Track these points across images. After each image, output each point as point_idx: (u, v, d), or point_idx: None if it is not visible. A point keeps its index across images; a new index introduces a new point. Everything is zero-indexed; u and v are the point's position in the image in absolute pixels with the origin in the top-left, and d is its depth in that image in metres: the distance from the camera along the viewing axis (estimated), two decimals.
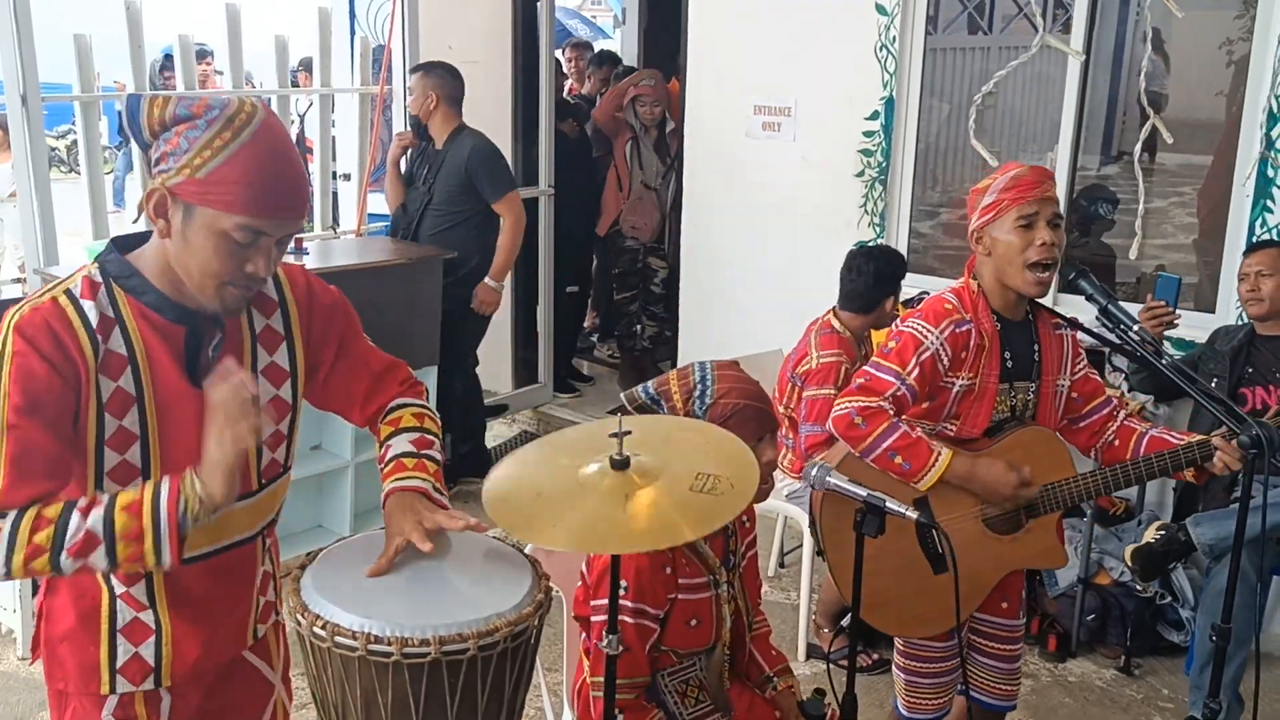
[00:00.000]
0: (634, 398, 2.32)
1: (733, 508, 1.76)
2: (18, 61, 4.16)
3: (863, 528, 2.18)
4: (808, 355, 3.84)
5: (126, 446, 1.73)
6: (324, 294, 1.97)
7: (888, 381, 2.53)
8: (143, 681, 1.84)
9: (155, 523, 1.62)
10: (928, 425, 2.64)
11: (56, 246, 4.40)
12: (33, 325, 1.65)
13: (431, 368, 4.78)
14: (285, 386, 1.90)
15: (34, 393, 1.63)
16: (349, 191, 6.14)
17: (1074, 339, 2.71)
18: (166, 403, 1.75)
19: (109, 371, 1.70)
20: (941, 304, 2.60)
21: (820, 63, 4.99)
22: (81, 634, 1.82)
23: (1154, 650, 4.03)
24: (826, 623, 4.02)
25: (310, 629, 1.65)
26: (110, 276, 1.74)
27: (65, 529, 1.61)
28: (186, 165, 1.65)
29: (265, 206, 1.67)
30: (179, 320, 1.76)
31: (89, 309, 1.70)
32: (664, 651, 2.31)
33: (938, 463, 2.50)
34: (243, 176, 1.64)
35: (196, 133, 1.66)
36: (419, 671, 1.63)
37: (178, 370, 1.75)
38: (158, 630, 1.84)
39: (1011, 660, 2.84)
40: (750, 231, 5.33)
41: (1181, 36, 7.22)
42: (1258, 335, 3.78)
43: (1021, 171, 2.54)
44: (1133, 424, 2.69)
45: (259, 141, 1.66)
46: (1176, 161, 8.06)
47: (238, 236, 1.67)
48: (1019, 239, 2.50)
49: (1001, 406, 2.61)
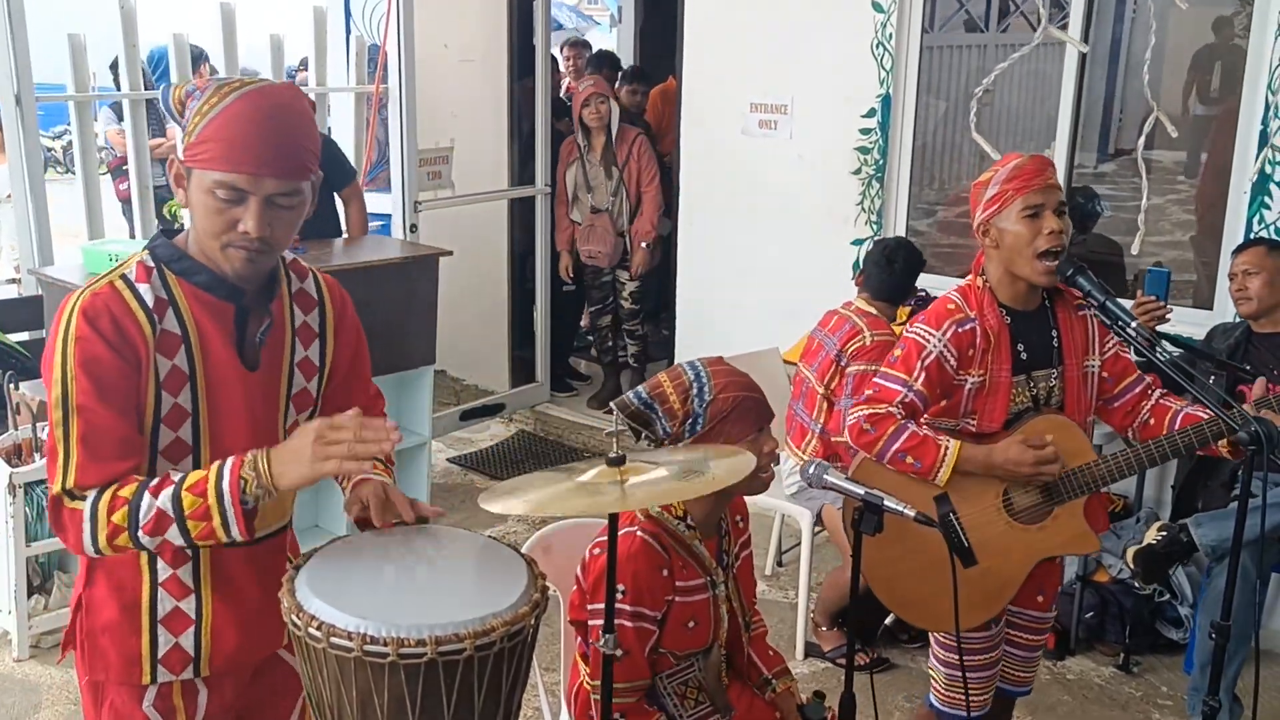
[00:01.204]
0: (626, 404, 2.28)
1: (715, 485, 1.86)
2: (11, 61, 4.15)
3: (861, 525, 2.18)
4: (860, 334, 3.78)
5: (180, 424, 1.81)
6: (351, 312, 2.07)
7: (895, 390, 2.56)
8: (183, 670, 1.90)
9: (220, 501, 1.70)
10: (948, 423, 2.63)
11: (52, 247, 4.40)
12: (94, 309, 1.73)
13: (428, 367, 4.77)
14: (314, 381, 1.98)
15: (99, 375, 1.71)
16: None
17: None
18: (216, 381, 1.83)
19: (165, 350, 1.78)
20: (944, 305, 2.61)
21: (817, 60, 4.99)
22: (124, 625, 1.87)
23: (1152, 648, 4.03)
24: (825, 621, 4.01)
25: (306, 629, 1.64)
26: (161, 261, 1.82)
27: (138, 509, 1.70)
28: (187, 133, 1.75)
29: (240, 162, 1.71)
30: (229, 298, 1.83)
31: (144, 291, 1.78)
32: (662, 654, 2.31)
33: (947, 455, 2.51)
34: (219, 134, 1.71)
35: (195, 102, 1.75)
36: (415, 672, 1.61)
37: (228, 349, 1.83)
38: (198, 619, 1.90)
39: (1034, 649, 2.85)
40: (747, 229, 5.33)
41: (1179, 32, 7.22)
42: (1254, 333, 3.78)
43: (1023, 161, 2.54)
44: (1168, 402, 2.68)
45: (245, 102, 1.72)
46: (1173, 159, 8.07)
47: (220, 194, 1.73)
48: (1026, 229, 2.50)
49: (1020, 398, 2.60)
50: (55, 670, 3.70)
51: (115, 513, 1.69)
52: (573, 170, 5.99)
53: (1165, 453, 2.57)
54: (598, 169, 5.93)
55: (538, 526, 4.23)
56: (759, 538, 4.68)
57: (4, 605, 3.76)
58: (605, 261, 6.05)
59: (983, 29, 7.44)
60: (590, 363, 7.00)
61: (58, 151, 12.46)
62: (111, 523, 1.70)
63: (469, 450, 5.86)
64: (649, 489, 1.86)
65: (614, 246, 6.02)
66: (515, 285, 6.49)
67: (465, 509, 5.10)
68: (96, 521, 1.70)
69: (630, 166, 5.87)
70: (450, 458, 5.73)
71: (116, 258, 3.82)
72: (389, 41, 5.30)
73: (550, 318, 6.40)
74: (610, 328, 6.31)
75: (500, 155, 6.35)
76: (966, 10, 7.05)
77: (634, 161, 5.88)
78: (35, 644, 3.80)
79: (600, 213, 5.99)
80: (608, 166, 5.91)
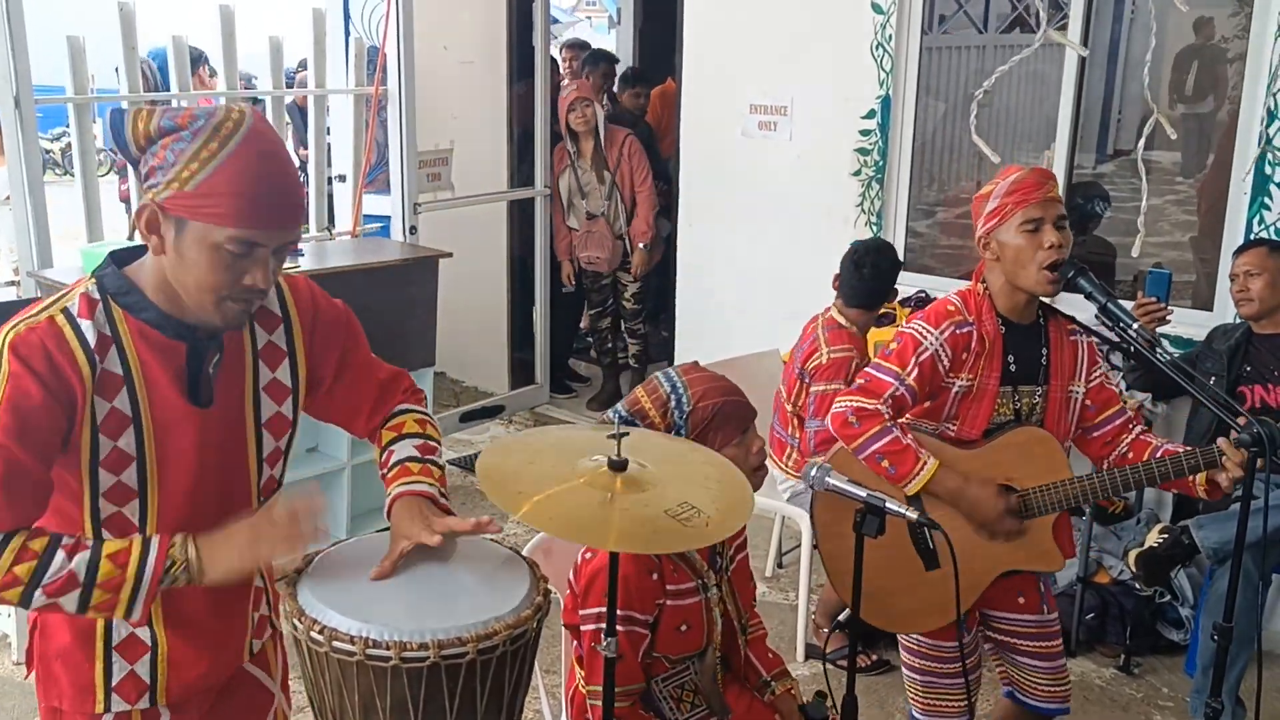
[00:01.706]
0: (607, 424, 2.26)
1: (692, 541, 1.80)
2: (10, 63, 4.14)
3: (862, 528, 2.17)
4: (817, 350, 3.81)
5: (123, 467, 1.70)
6: (329, 308, 1.94)
7: (887, 382, 2.56)
8: (138, 700, 1.81)
9: (139, 577, 1.63)
10: (929, 425, 2.63)
11: (50, 250, 4.39)
12: (28, 345, 1.61)
13: (428, 369, 4.77)
14: (287, 403, 1.87)
15: (26, 415, 1.60)
16: (344, 193, 6.12)
17: (1090, 346, 2.69)
18: (164, 423, 1.71)
19: (104, 392, 1.66)
20: (945, 305, 2.62)
21: (816, 62, 4.99)
22: (77, 651, 1.79)
23: (1153, 649, 4.02)
24: (826, 623, 4.01)
25: (308, 634, 1.64)
26: (108, 293, 1.69)
27: (48, 566, 1.61)
28: (175, 179, 1.60)
29: (258, 217, 1.61)
30: (178, 337, 1.71)
31: (86, 328, 1.65)
32: (656, 658, 2.30)
33: (923, 471, 2.52)
34: (232, 187, 1.58)
35: (183, 144, 1.60)
36: (418, 676, 1.61)
37: (176, 390, 1.72)
38: (154, 647, 1.81)
39: (1052, 658, 2.79)
40: (747, 231, 5.33)
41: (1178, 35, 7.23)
42: (1255, 334, 3.78)
43: (1023, 175, 2.55)
44: (1149, 439, 2.67)
45: (248, 149, 1.60)
46: (1171, 159, 8.08)
47: (232, 249, 1.61)
48: (1027, 243, 2.50)
49: (1004, 409, 2.61)
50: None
51: (20, 565, 1.60)
52: (565, 177, 5.98)
53: (1141, 479, 2.57)
54: (589, 174, 5.92)
55: (536, 530, 4.24)
56: (759, 539, 4.68)
57: (3, 609, 3.75)
58: (606, 266, 6.04)
59: (981, 30, 7.45)
60: (589, 364, 7.00)
61: (56, 154, 12.45)
62: (12, 573, 1.59)
63: (469, 452, 5.85)
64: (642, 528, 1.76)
65: (613, 250, 6.01)
66: (515, 287, 6.49)
67: (465, 511, 5.10)
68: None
69: (622, 168, 5.88)
70: (450, 459, 5.72)
71: None
72: (388, 43, 5.30)
73: (549, 319, 6.40)
74: (610, 329, 6.30)
75: (499, 157, 6.35)
76: (965, 12, 7.06)
77: (625, 162, 5.88)
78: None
79: (596, 218, 5.97)
80: (599, 171, 5.90)
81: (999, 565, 2.65)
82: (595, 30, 17.26)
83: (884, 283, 3.87)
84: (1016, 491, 2.61)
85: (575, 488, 1.81)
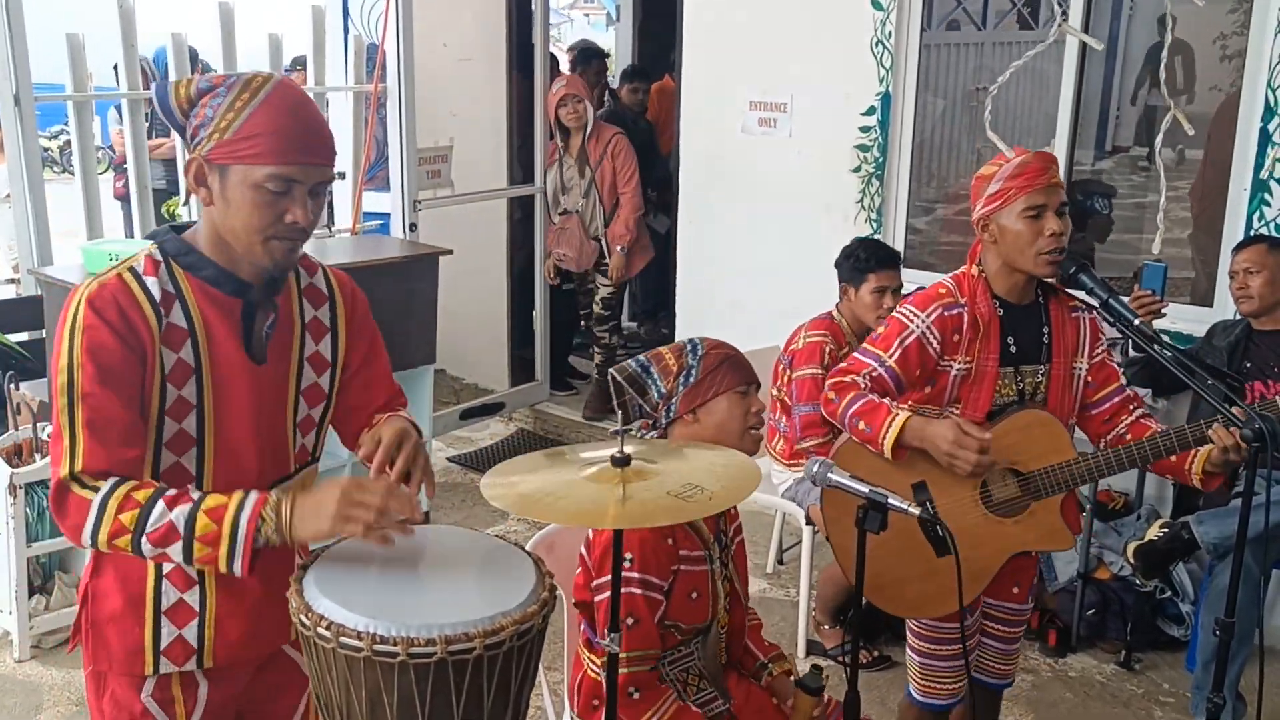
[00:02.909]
0: (624, 368, 2.42)
1: (695, 512, 1.87)
2: (10, 61, 4.14)
3: (865, 524, 2.18)
4: (797, 336, 3.91)
5: (184, 415, 1.82)
6: (364, 306, 2.10)
7: (865, 363, 2.60)
8: (185, 662, 1.90)
9: (233, 534, 1.70)
10: (932, 410, 2.64)
11: (50, 247, 4.39)
12: (102, 299, 1.75)
13: (428, 366, 4.77)
14: (325, 376, 2.00)
15: (106, 363, 1.72)
16: (343, 190, 6.12)
17: (1093, 323, 2.69)
18: (223, 375, 1.84)
19: (171, 343, 1.79)
20: (936, 289, 2.62)
21: (816, 58, 4.99)
22: (128, 616, 1.88)
23: (1154, 645, 4.03)
24: (826, 619, 4.02)
25: (315, 629, 1.64)
26: (169, 255, 1.84)
27: (149, 515, 1.70)
28: (215, 130, 1.75)
29: (292, 153, 1.75)
30: (236, 293, 1.85)
31: (152, 284, 1.79)
32: (668, 628, 2.33)
33: (893, 424, 2.50)
34: (266, 128, 1.73)
35: (219, 99, 1.76)
36: (425, 671, 1.62)
37: (235, 344, 1.85)
38: (201, 611, 1.90)
39: (1012, 641, 2.87)
40: (746, 227, 5.33)
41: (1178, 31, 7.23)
42: (1254, 330, 3.78)
43: (1027, 159, 2.54)
44: (1148, 422, 2.67)
45: (278, 96, 1.76)
46: (1170, 157, 8.08)
47: (271, 186, 1.74)
48: (1027, 229, 2.50)
49: (1006, 391, 2.61)
50: (56, 671, 3.70)
51: (125, 512, 1.69)
52: (553, 172, 5.91)
53: (1146, 454, 2.56)
54: (572, 169, 5.82)
55: (538, 526, 4.24)
56: (760, 536, 4.69)
57: (5, 606, 3.75)
58: (573, 265, 5.90)
59: (979, 27, 7.45)
60: (589, 361, 6.98)
61: (54, 151, 12.44)
62: (118, 520, 1.69)
63: (469, 449, 5.86)
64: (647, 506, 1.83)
65: (582, 250, 5.86)
66: (514, 284, 6.49)
67: (466, 508, 5.10)
68: (104, 514, 1.69)
69: (605, 166, 5.74)
70: (450, 456, 5.73)
71: (116, 257, 3.82)
72: (388, 40, 5.29)
73: (550, 317, 6.39)
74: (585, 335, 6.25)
75: (499, 154, 6.35)
76: (964, 8, 7.06)
77: (609, 161, 5.74)
78: (36, 644, 3.79)
79: (570, 214, 5.87)
80: (581, 167, 5.79)
81: (1011, 547, 2.66)
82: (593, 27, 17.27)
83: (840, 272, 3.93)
84: (1021, 475, 2.62)
85: (580, 482, 1.86)
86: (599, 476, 1.87)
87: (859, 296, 3.84)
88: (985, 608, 2.81)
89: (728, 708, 2.42)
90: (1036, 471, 2.60)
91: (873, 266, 3.82)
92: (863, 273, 3.83)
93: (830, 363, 3.77)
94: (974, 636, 2.80)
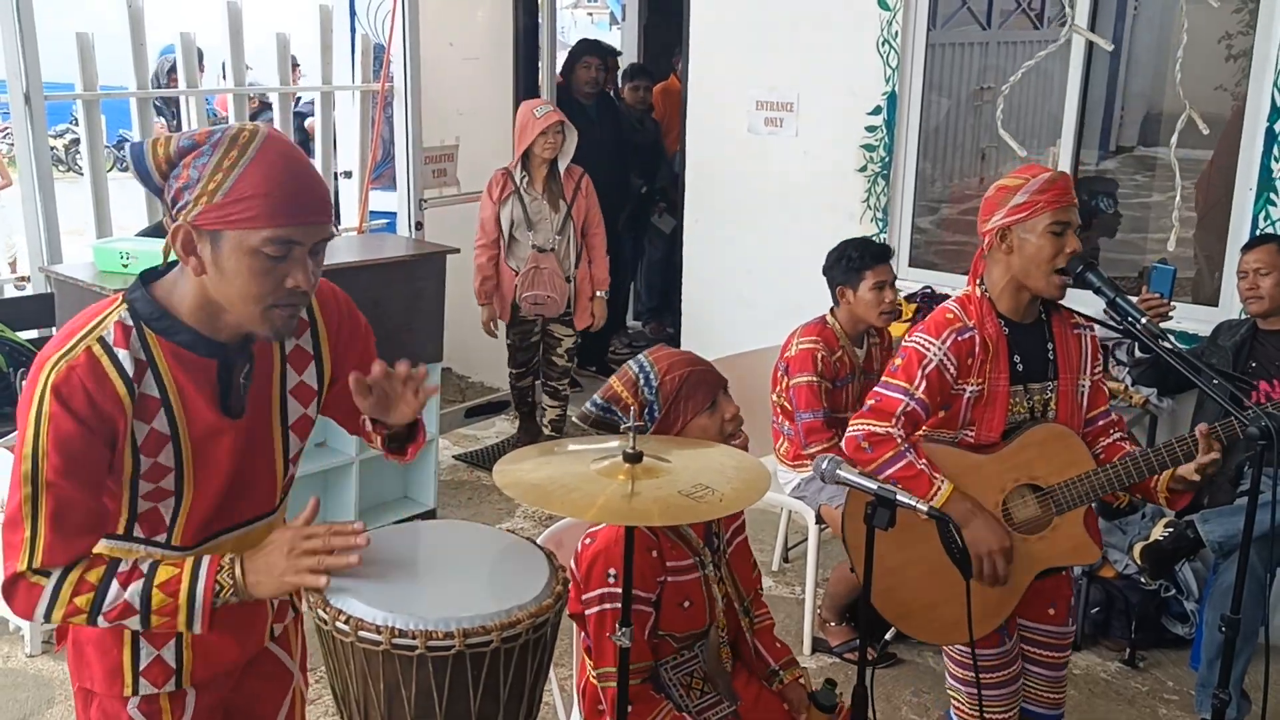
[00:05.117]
0: (587, 415, 2.35)
1: (706, 513, 1.86)
2: (20, 60, 4.16)
3: (873, 520, 2.18)
4: (790, 343, 3.91)
5: (161, 476, 1.76)
6: (352, 314, 1.99)
7: (896, 400, 2.57)
8: (165, 684, 1.87)
9: (190, 603, 1.68)
10: (947, 434, 2.64)
11: (60, 245, 4.41)
12: (69, 385, 1.64)
13: (435, 364, 4.78)
14: (312, 405, 1.93)
15: (71, 453, 1.64)
16: (350, 189, 6.15)
17: (1094, 341, 2.70)
18: (199, 437, 1.76)
19: (143, 415, 1.71)
20: (943, 314, 2.62)
21: (822, 58, 5.00)
22: (106, 636, 1.84)
23: (1158, 643, 4.04)
24: (832, 617, 4.03)
25: (333, 624, 1.66)
26: (140, 319, 1.72)
27: (104, 596, 1.68)
28: (202, 193, 1.62)
29: (289, 214, 1.63)
30: (210, 355, 1.75)
31: (123, 358, 1.68)
32: (663, 638, 2.33)
33: (937, 496, 2.52)
34: (260, 188, 1.61)
35: (204, 159, 1.63)
36: (443, 664, 1.64)
37: (210, 405, 1.76)
38: (179, 634, 1.85)
39: (1058, 668, 2.82)
40: (752, 227, 5.34)
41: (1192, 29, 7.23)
42: (1260, 330, 3.78)
43: (1055, 175, 2.54)
44: (1123, 445, 2.68)
45: (269, 151, 1.63)
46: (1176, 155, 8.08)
47: (269, 251, 1.63)
48: (1050, 245, 2.50)
49: (1018, 409, 2.62)
50: (67, 666, 3.71)
51: (80, 596, 1.67)
52: (509, 207, 5.13)
53: (1165, 461, 2.54)
54: (540, 202, 5.15)
55: (544, 523, 4.26)
56: (765, 534, 4.71)
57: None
58: (554, 310, 5.27)
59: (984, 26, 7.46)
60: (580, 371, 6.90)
61: (59, 150, 12.47)
62: (73, 604, 1.67)
63: (475, 447, 5.87)
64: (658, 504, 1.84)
65: (564, 293, 5.25)
66: None
67: (472, 505, 5.12)
68: (58, 599, 1.67)
69: (579, 204, 5.23)
70: (456, 454, 5.74)
71: (127, 255, 3.85)
72: (394, 39, 5.31)
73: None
74: (528, 391, 5.64)
75: (505, 153, 6.36)
76: (969, 8, 7.07)
77: (583, 198, 5.26)
78: (47, 640, 3.81)
79: (546, 252, 5.18)
80: (553, 200, 5.17)
81: (1036, 565, 2.64)
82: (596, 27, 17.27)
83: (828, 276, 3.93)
84: (1041, 491, 2.62)
85: (591, 475, 1.87)
86: (610, 471, 1.89)
87: (858, 296, 3.85)
88: (1024, 632, 2.78)
89: (734, 709, 2.42)
90: (1057, 485, 2.60)
91: (868, 263, 3.83)
92: (859, 271, 3.83)
93: (823, 368, 3.78)
94: (1016, 662, 2.76)
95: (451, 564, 1.87)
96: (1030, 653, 2.80)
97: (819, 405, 3.79)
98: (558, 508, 1.82)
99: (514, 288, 5.20)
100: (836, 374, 3.85)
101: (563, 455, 2.03)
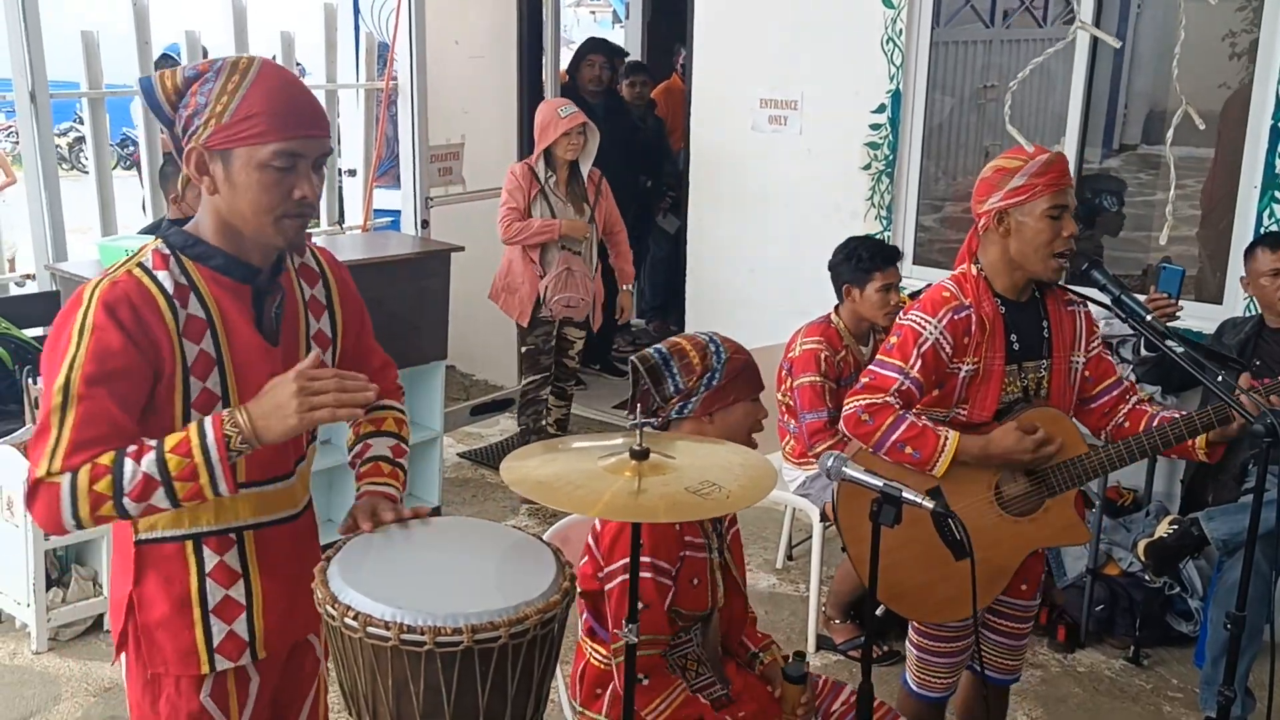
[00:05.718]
0: (647, 358, 2.44)
1: (712, 510, 1.89)
2: (25, 57, 4.17)
3: (879, 518, 2.19)
4: (794, 343, 3.94)
5: (210, 408, 1.80)
6: (350, 282, 2.09)
7: (891, 378, 2.58)
8: (240, 657, 1.92)
9: (207, 459, 1.69)
10: (939, 413, 2.65)
11: (65, 242, 4.42)
12: (115, 298, 1.72)
13: (440, 362, 4.79)
14: (329, 353, 2.01)
15: (110, 366, 1.70)
16: (354, 187, 6.15)
17: (1088, 316, 2.71)
18: (243, 362, 1.84)
19: (191, 335, 1.79)
20: (939, 292, 2.62)
21: (826, 56, 5.01)
22: (176, 619, 1.88)
23: (1163, 641, 4.05)
24: (837, 614, 4.04)
25: (342, 619, 1.66)
26: (175, 248, 1.82)
27: (121, 476, 1.68)
28: (211, 116, 1.74)
29: (294, 127, 1.75)
30: (245, 279, 1.84)
31: (164, 278, 1.78)
32: (672, 614, 2.36)
33: (946, 445, 2.53)
34: (264, 106, 1.73)
35: (209, 84, 1.76)
36: (451, 660, 1.64)
37: (250, 329, 1.85)
38: (249, 604, 1.92)
39: (1020, 637, 2.88)
40: (756, 225, 5.35)
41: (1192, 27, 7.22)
42: (1266, 328, 3.78)
43: (1053, 158, 2.55)
44: (1145, 408, 2.69)
45: (267, 74, 1.76)
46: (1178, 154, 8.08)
47: (277, 164, 1.74)
48: (1048, 228, 2.51)
49: (1011, 388, 2.63)
50: (74, 662, 3.73)
51: (98, 482, 1.67)
52: (536, 208, 4.96)
53: (1156, 444, 2.58)
54: (565, 205, 5.00)
55: (549, 520, 4.26)
56: (769, 532, 4.71)
57: (23, 598, 3.78)
58: (584, 312, 5.12)
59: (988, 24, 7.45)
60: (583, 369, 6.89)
61: (63, 148, 12.49)
62: (94, 492, 1.67)
63: (479, 445, 5.88)
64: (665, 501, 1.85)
65: (590, 293, 5.11)
66: None
67: (476, 503, 5.13)
68: (77, 493, 1.67)
69: (600, 206, 5.11)
70: (460, 453, 5.75)
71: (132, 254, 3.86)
72: (399, 38, 5.32)
73: None
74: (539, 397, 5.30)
75: (510, 151, 6.37)
76: (972, 6, 7.06)
77: (604, 200, 5.14)
78: (54, 636, 3.82)
79: (576, 254, 5.04)
80: (576, 202, 5.05)
81: (1027, 546, 2.68)
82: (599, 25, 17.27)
83: (833, 275, 3.97)
84: (1033, 474, 2.63)
85: (598, 472, 1.89)
86: (616, 468, 1.90)
87: (865, 296, 3.86)
88: (995, 604, 2.82)
89: (726, 692, 2.47)
90: (1051, 468, 2.62)
91: (878, 265, 3.85)
92: (868, 272, 3.85)
93: (827, 369, 3.81)
94: (971, 635, 2.79)
95: (458, 560, 1.87)
96: (995, 623, 2.84)
97: (823, 406, 3.80)
98: (564, 504, 1.82)
99: (538, 290, 5.00)
100: (840, 374, 3.87)
101: (569, 452, 2.04)
